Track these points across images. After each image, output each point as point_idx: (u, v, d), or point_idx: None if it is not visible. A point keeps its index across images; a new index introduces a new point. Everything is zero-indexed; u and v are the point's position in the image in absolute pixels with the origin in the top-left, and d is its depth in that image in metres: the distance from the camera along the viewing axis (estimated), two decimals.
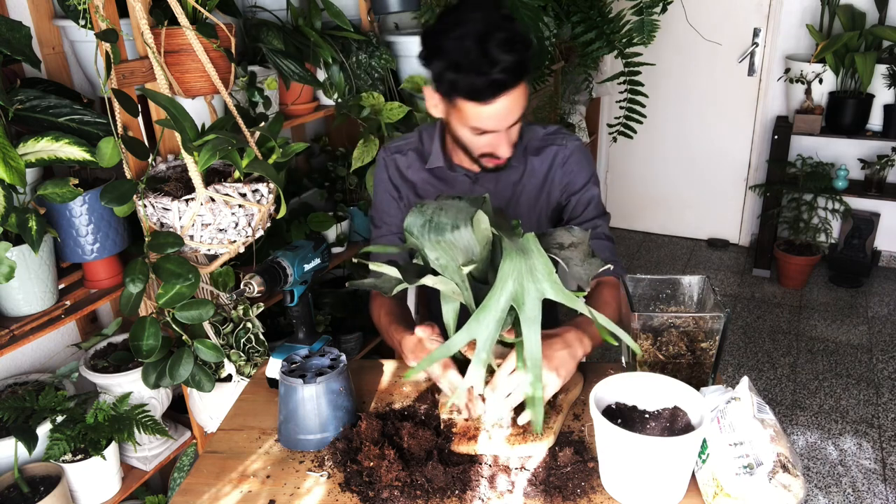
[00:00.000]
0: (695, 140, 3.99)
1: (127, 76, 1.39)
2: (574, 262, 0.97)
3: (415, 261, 1.01)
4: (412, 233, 0.93)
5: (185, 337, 1.43)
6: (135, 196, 1.36)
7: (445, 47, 1.18)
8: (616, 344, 0.98)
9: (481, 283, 0.98)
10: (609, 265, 0.98)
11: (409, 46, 2.21)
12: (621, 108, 2.93)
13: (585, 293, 0.97)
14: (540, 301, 0.89)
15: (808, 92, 3.36)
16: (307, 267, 1.24)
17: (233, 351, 1.55)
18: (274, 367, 1.23)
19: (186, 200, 1.35)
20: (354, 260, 1.17)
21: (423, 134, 1.48)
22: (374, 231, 1.51)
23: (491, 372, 1.05)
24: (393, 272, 0.96)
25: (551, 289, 0.89)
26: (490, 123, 1.23)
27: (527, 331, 0.90)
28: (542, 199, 1.45)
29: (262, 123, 1.63)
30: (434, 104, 1.30)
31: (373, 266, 0.99)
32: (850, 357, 2.98)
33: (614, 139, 3.08)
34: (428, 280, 0.93)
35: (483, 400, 1.04)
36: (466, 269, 0.91)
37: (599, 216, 1.45)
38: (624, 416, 0.99)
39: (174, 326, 1.40)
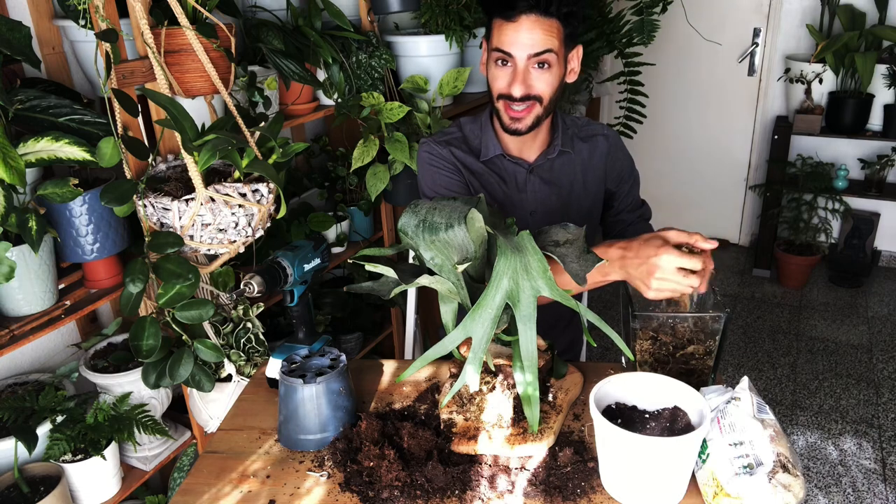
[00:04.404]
0: (695, 140, 3.99)
1: (127, 76, 1.39)
2: (570, 258, 0.97)
3: (411, 261, 1.01)
4: (406, 233, 0.93)
5: (185, 337, 1.43)
6: (135, 196, 1.36)
7: None
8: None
9: (478, 282, 0.98)
10: (603, 259, 0.99)
11: (409, 46, 2.21)
12: (621, 108, 2.93)
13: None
14: (535, 299, 0.89)
15: (808, 92, 3.37)
16: (307, 267, 1.24)
17: (233, 351, 1.55)
18: (274, 367, 1.23)
19: (186, 200, 1.35)
20: (350, 260, 1.17)
21: (465, 127, 1.50)
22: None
23: (488, 371, 1.05)
24: (390, 273, 0.96)
25: (546, 286, 0.89)
26: (510, 44, 1.28)
27: (522, 328, 0.90)
28: (594, 183, 1.53)
29: (262, 123, 1.63)
30: (483, 60, 1.39)
31: (369, 266, 0.99)
32: (850, 357, 2.98)
33: None
34: (424, 280, 0.93)
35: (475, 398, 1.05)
36: (461, 268, 0.91)
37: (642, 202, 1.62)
38: (624, 416, 0.99)
39: (174, 326, 1.40)
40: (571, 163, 1.50)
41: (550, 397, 1.11)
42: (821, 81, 3.31)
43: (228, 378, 1.56)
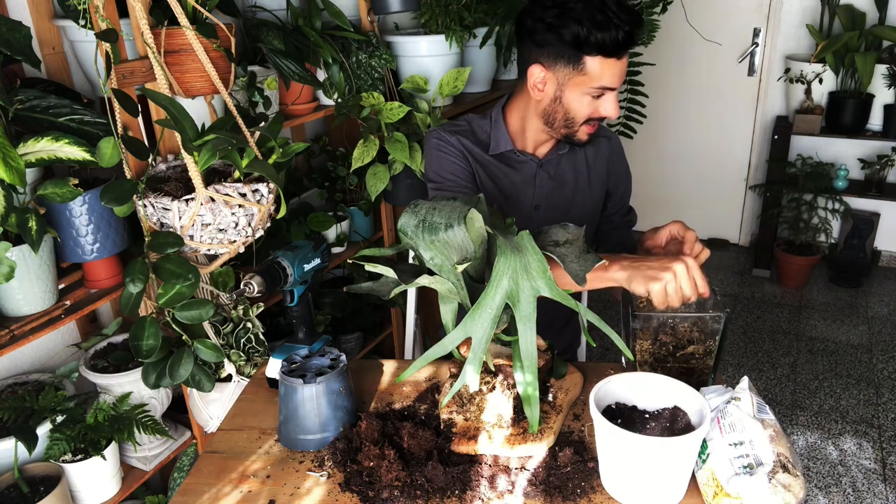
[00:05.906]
0: (695, 140, 3.99)
1: (127, 76, 1.39)
2: (569, 258, 0.97)
3: (411, 261, 1.01)
4: (406, 233, 0.93)
5: (185, 337, 1.43)
6: (135, 196, 1.36)
7: (576, 9, 1.27)
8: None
9: (478, 282, 0.98)
10: (603, 259, 0.99)
11: (409, 46, 2.21)
12: (621, 107, 2.93)
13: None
14: (535, 299, 0.89)
15: (808, 92, 3.37)
16: (307, 267, 1.24)
17: (233, 351, 1.55)
18: (274, 367, 1.23)
19: (186, 200, 1.35)
20: (350, 260, 1.17)
21: (473, 122, 1.52)
22: (435, 189, 1.47)
23: (488, 371, 1.05)
24: (390, 273, 0.96)
25: (546, 286, 0.89)
26: (615, 80, 1.33)
27: (522, 328, 0.90)
28: (597, 184, 1.57)
29: (262, 123, 1.63)
30: (539, 82, 1.36)
31: (369, 266, 0.99)
32: (850, 357, 2.98)
33: None
34: (424, 280, 0.93)
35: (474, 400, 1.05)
36: (461, 268, 0.91)
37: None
38: (624, 416, 0.99)
39: (174, 326, 1.40)
40: (577, 161, 1.54)
41: (550, 397, 1.11)
42: (821, 81, 3.31)
43: (228, 378, 1.56)
